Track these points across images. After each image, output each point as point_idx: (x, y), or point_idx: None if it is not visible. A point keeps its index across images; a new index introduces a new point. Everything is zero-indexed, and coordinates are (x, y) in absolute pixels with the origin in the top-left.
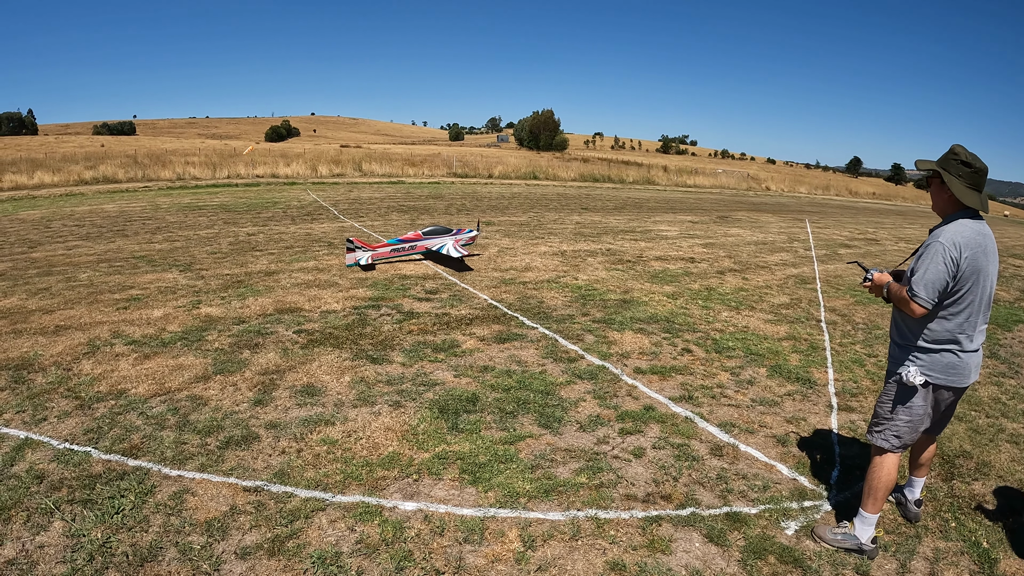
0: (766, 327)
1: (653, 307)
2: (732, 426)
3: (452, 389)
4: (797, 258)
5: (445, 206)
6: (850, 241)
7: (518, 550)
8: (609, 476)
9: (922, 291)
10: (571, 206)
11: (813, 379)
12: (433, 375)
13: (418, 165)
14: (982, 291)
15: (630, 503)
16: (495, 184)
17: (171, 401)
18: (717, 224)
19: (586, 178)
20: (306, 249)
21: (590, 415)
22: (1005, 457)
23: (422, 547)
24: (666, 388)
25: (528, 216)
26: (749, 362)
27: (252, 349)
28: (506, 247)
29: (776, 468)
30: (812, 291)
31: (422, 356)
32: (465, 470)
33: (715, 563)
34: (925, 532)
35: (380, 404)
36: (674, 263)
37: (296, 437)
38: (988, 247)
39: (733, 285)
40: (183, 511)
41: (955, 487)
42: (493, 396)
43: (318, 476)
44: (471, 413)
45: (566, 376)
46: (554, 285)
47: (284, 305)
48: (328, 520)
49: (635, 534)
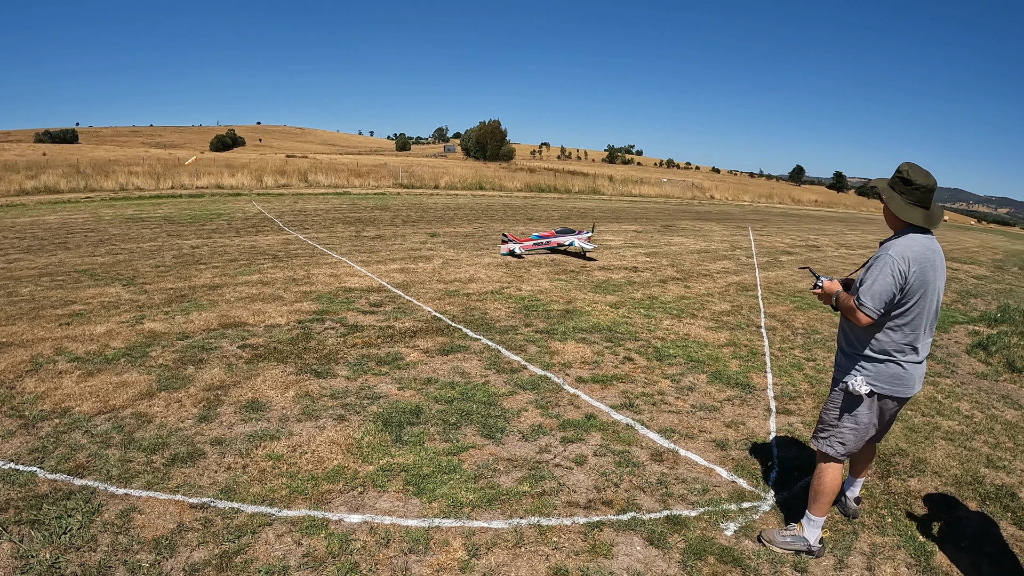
0: (707, 334)
1: (595, 317)
2: (672, 432)
3: (396, 402)
4: (739, 266)
5: (391, 217)
6: (792, 248)
7: (462, 559)
8: (551, 484)
9: (869, 301)
10: (517, 216)
11: (752, 384)
12: (377, 388)
13: (364, 176)
14: (929, 305)
15: (572, 510)
16: (441, 195)
17: (116, 419)
18: (661, 233)
19: (532, 188)
20: (251, 262)
21: (532, 424)
22: (940, 454)
23: (368, 559)
24: (607, 396)
25: (473, 227)
26: (689, 369)
27: (196, 365)
28: (451, 259)
29: (715, 471)
30: (753, 298)
31: (366, 369)
32: (409, 482)
33: (656, 565)
34: (862, 528)
35: (325, 418)
36: (617, 272)
37: (242, 453)
38: (936, 262)
39: (675, 293)
40: (131, 529)
41: (891, 484)
42: (437, 408)
43: (264, 491)
44: (415, 425)
45: (509, 387)
46: (498, 296)
47: (228, 320)
48: (275, 535)
49: (577, 540)
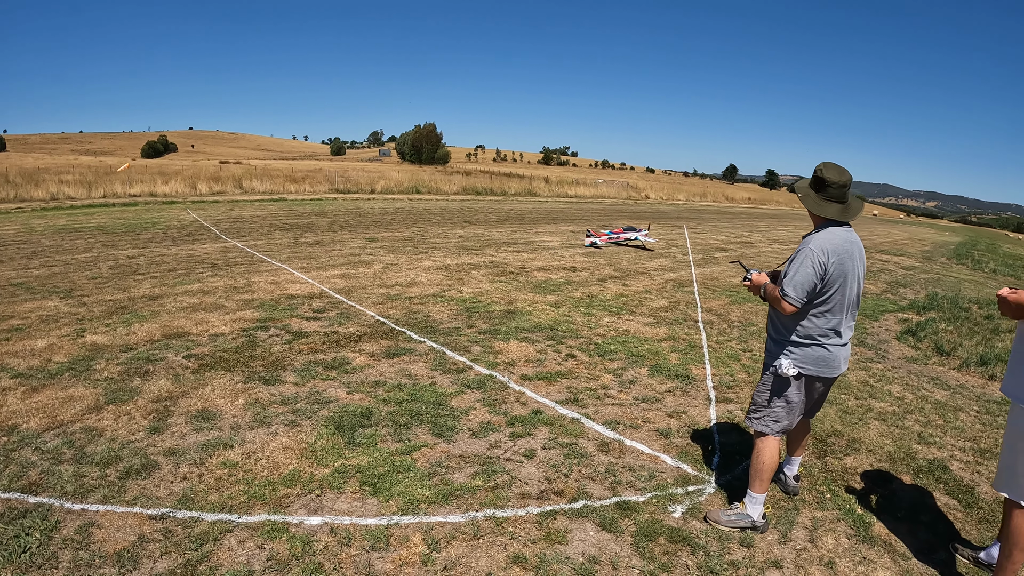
0: (646, 330)
1: (537, 316)
2: (617, 423)
3: (346, 405)
4: (675, 263)
5: (329, 223)
6: (726, 245)
7: (424, 553)
8: (504, 478)
9: (792, 291)
10: (454, 220)
11: (692, 375)
12: (326, 393)
13: (300, 181)
14: (849, 292)
15: (525, 501)
16: (378, 199)
17: (65, 434)
18: None
19: (469, 191)
20: (189, 271)
21: (481, 422)
22: (874, 433)
23: (331, 558)
24: (552, 392)
25: (411, 231)
26: (631, 363)
27: (143, 377)
28: (391, 263)
29: (660, 459)
30: (690, 294)
31: (314, 375)
32: (365, 482)
33: (609, 548)
34: (803, 504)
35: (276, 424)
36: (556, 273)
37: (196, 462)
38: (854, 253)
39: (614, 292)
40: (91, 544)
41: (828, 463)
42: (386, 410)
43: (222, 499)
44: (366, 427)
45: (456, 387)
46: (439, 299)
47: (171, 330)
48: (237, 541)
49: (532, 529)
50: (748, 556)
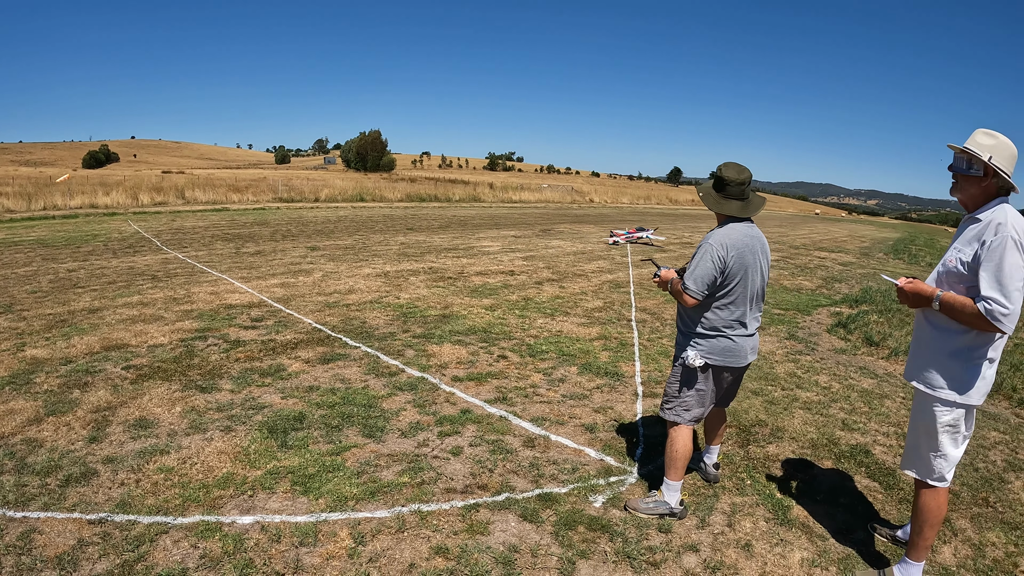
0: (579, 330)
1: (472, 320)
2: (544, 420)
3: (280, 410)
4: (614, 265)
5: (271, 232)
6: (667, 246)
7: (350, 546)
8: (430, 474)
9: (692, 284)
10: (397, 227)
11: (621, 372)
12: (261, 399)
13: (243, 191)
14: (751, 284)
15: (450, 495)
16: (321, 208)
17: (6, 446)
18: (539, 237)
19: (413, 198)
20: (129, 283)
21: (411, 422)
22: (798, 421)
23: (262, 554)
24: (482, 392)
25: (353, 239)
26: (561, 363)
27: (82, 388)
28: (330, 271)
29: (584, 452)
30: (625, 294)
31: (250, 382)
32: (296, 482)
33: (530, 537)
34: (723, 491)
35: (212, 430)
36: (494, 277)
37: (134, 469)
38: (756, 247)
39: (550, 294)
40: (33, 549)
41: (751, 451)
42: (319, 413)
43: (158, 502)
44: (299, 431)
45: (387, 389)
46: (377, 305)
47: (111, 342)
48: (172, 541)
49: (456, 521)
50: (666, 541)
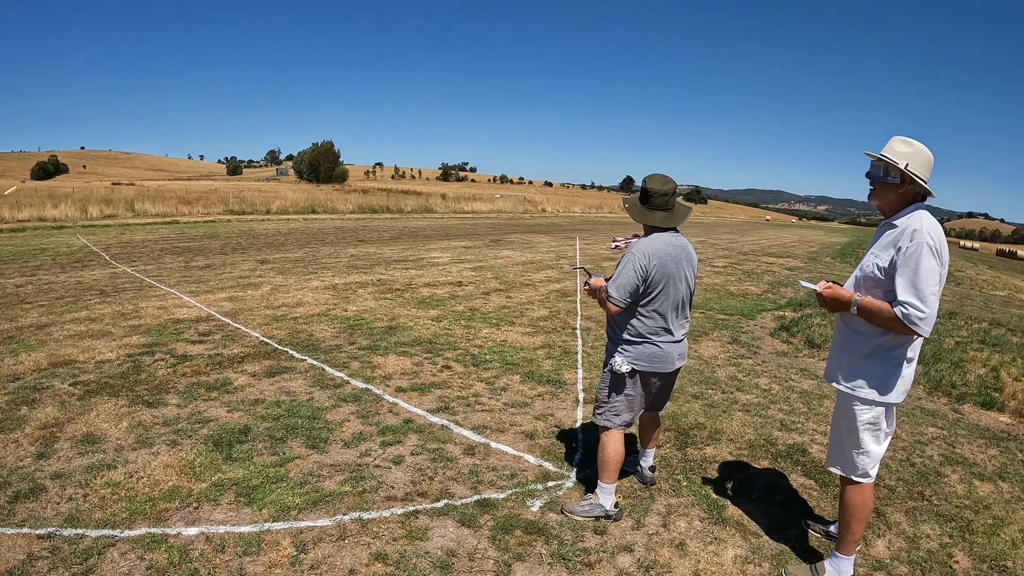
0: (523, 339)
1: (417, 331)
2: (485, 428)
3: (225, 424)
4: (562, 274)
5: (221, 245)
6: (614, 256)
7: (292, 555)
8: (371, 483)
9: (615, 292)
10: (348, 239)
11: (563, 380)
12: (207, 413)
13: (193, 203)
14: (675, 292)
15: (390, 503)
16: (273, 220)
17: None
18: (489, 248)
19: (365, 210)
20: (77, 299)
21: (354, 433)
22: (736, 424)
23: (206, 564)
24: (425, 402)
25: (303, 252)
26: (504, 371)
27: (30, 405)
28: (279, 284)
29: (524, 458)
30: (572, 303)
31: (196, 396)
32: (240, 493)
33: (467, 542)
34: (659, 492)
35: (158, 444)
36: (442, 288)
37: (81, 484)
38: (680, 256)
39: (496, 304)
40: None
41: (688, 453)
42: (264, 426)
43: (106, 516)
44: (243, 443)
45: (332, 401)
46: (324, 318)
47: (59, 358)
48: (119, 553)
49: (396, 528)
50: (601, 543)
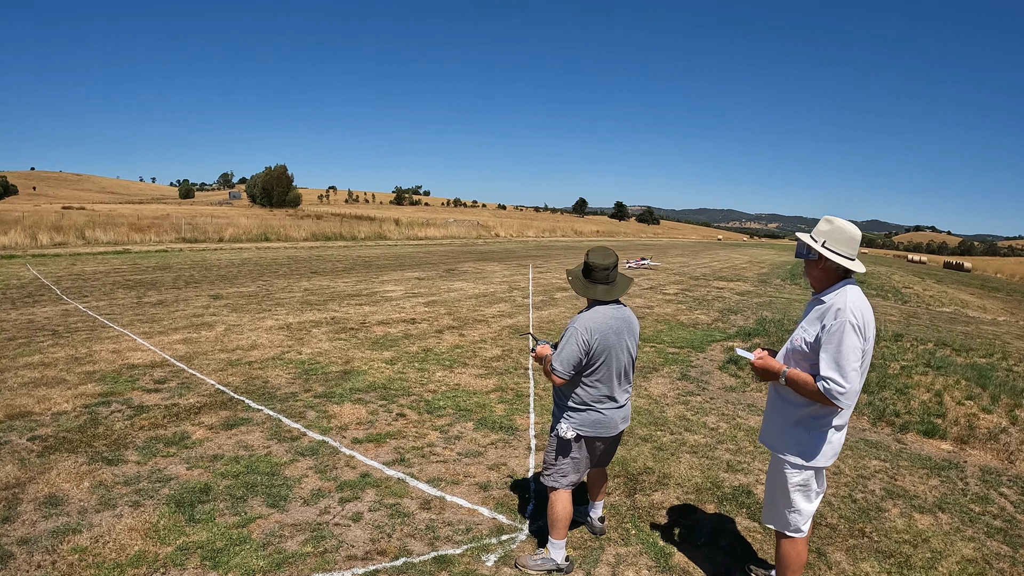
0: (476, 382)
1: (372, 375)
2: (440, 480)
3: (186, 482)
4: (515, 308)
5: (173, 278)
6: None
7: None
8: (332, 542)
9: (559, 366)
10: (301, 270)
11: (516, 426)
12: (167, 470)
13: (145, 230)
14: (617, 363)
15: (351, 563)
16: (225, 249)
17: None
18: (443, 278)
19: (318, 237)
20: (30, 341)
21: (312, 489)
22: (684, 466)
23: None
24: (381, 454)
25: (257, 285)
26: (458, 418)
27: None
28: (233, 324)
29: (478, 511)
30: (524, 340)
31: (155, 452)
32: (205, 557)
33: None
34: (609, 542)
35: (121, 506)
36: (395, 326)
37: (48, 550)
38: (621, 328)
39: (450, 343)
40: None
41: (637, 500)
42: (224, 484)
43: None
44: (205, 503)
45: (290, 455)
46: (279, 362)
47: (15, 410)
48: None
49: None
50: None
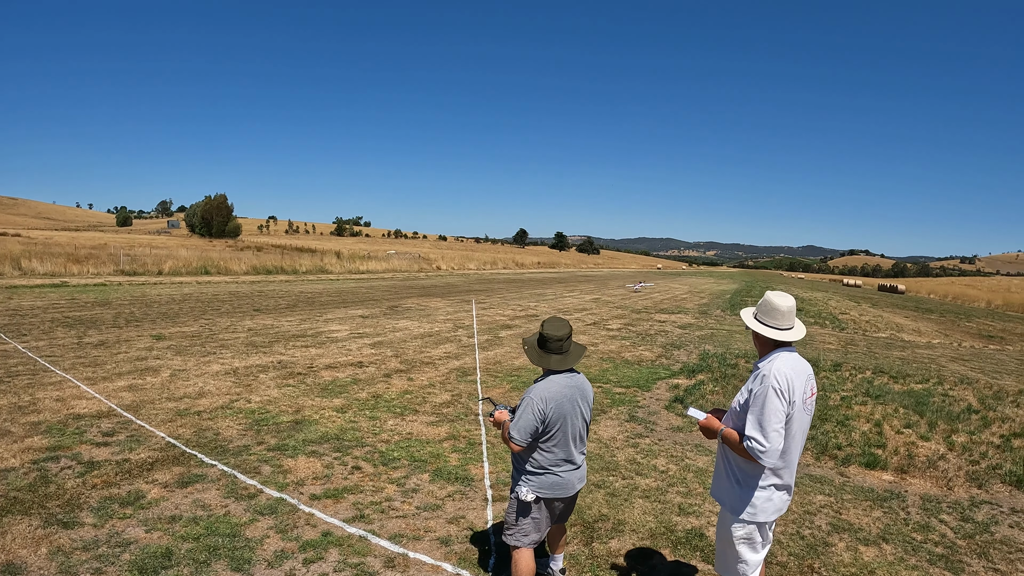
0: (428, 430)
1: (324, 425)
2: (401, 536)
3: (146, 546)
4: (460, 348)
5: (114, 316)
6: (511, 321)
7: None
8: None
9: (517, 434)
10: (244, 308)
11: (471, 476)
12: (126, 533)
13: (83, 261)
14: (572, 428)
15: None
16: (165, 283)
17: None
18: (387, 317)
19: (259, 271)
20: None
21: (275, 551)
22: (637, 511)
23: None
24: (340, 511)
25: (199, 324)
26: (413, 470)
27: None
28: (178, 369)
29: (442, 568)
30: (472, 383)
31: (111, 513)
32: None
33: None
34: None
35: (83, 574)
36: (343, 370)
37: None
38: (575, 396)
39: (399, 388)
40: None
41: (595, 548)
42: (186, 547)
43: None
44: (168, 568)
45: (249, 514)
46: (228, 411)
47: None
48: None
49: None
50: None
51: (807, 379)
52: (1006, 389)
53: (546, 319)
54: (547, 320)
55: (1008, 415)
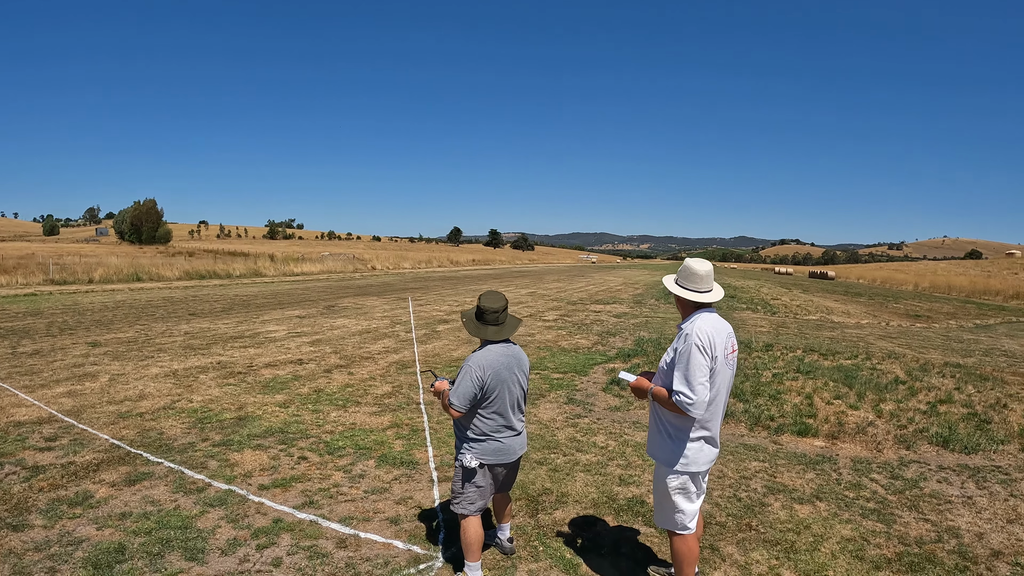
0: (371, 420)
1: (267, 420)
2: (351, 519)
3: (99, 543)
4: (399, 343)
5: (47, 325)
6: (448, 316)
7: None
8: None
9: (456, 400)
10: (179, 312)
11: (416, 460)
12: (77, 532)
13: (11, 272)
14: (511, 395)
15: None
16: (97, 291)
17: None
18: (324, 316)
19: (192, 276)
20: None
21: (228, 539)
22: (580, 484)
23: None
24: (289, 498)
25: (135, 330)
26: (359, 458)
27: None
28: (117, 373)
29: (393, 545)
30: (412, 375)
31: (60, 514)
32: None
33: None
34: (520, 560)
35: (37, 573)
36: (283, 368)
37: None
38: (512, 364)
39: (340, 382)
40: None
41: (540, 519)
42: (138, 542)
43: None
44: (123, 563)
45: (199, 507)
46: (171, 412)
47: None
48: None
49: None
50: None
51: (727, 336)
52: (932, 362)
53: (483, 293)
54: (484, 294)
55: (935, 384)
